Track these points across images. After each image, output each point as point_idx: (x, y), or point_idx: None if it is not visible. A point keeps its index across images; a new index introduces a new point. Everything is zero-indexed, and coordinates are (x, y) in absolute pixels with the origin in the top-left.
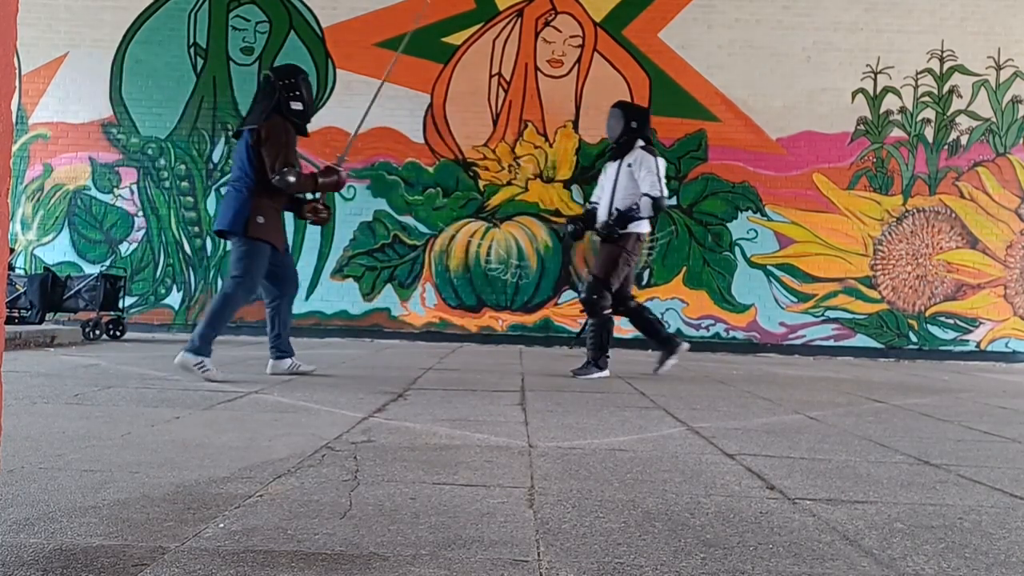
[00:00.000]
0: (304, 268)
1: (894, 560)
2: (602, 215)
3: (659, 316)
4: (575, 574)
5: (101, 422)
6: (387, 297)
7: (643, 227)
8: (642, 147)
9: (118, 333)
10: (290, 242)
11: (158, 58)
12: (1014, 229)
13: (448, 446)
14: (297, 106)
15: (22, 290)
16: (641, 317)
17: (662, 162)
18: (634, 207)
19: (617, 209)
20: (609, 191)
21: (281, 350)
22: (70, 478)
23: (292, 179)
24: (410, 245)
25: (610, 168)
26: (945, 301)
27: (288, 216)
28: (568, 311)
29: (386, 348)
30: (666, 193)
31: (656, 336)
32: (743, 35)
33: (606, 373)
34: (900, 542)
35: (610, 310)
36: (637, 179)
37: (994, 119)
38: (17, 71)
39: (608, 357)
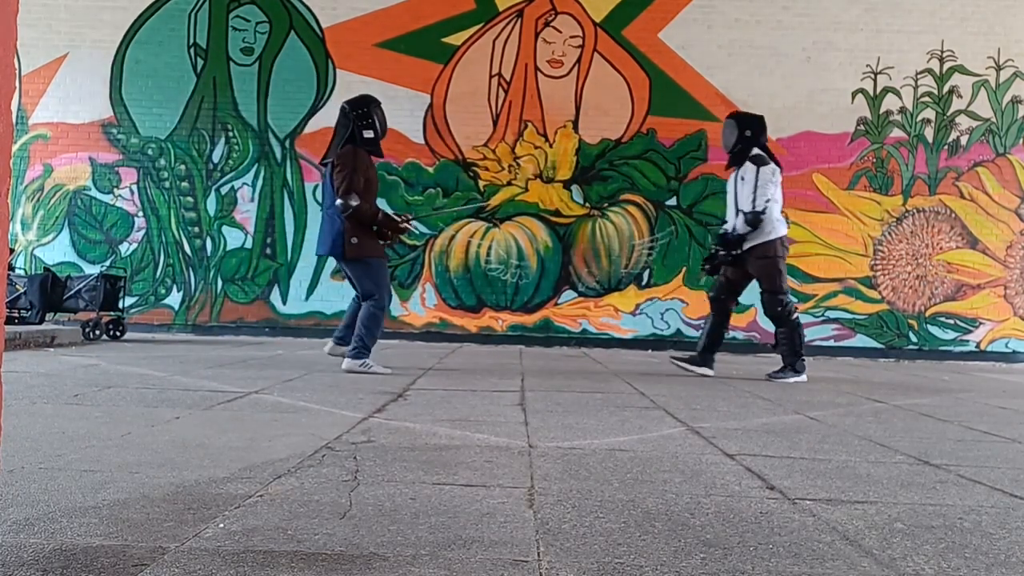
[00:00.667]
0: (304, 268)
1: (894, 560)
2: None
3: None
4: (575, 574)
5: (101, 422)
6: None
7: (778, 230)
8: (752, 157)
9: (118, 333)
10: (289, 242)
11: (158, 58)
12: (1014, 229)
13: (448, 446)
14: (369, 134)
15: (22, 290)
16: (720, 322)
17: (767, 170)
18: (731, 229)
19: (722, 235)
20: (732, 207)
21: (342, 339)
22: (70, 478)
23: (353, 203)
24: (410, 245)
25: (731, 180)
26: (945, 301)
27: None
28: (568, 311)
29: (386, 348)
30: (759, 206)
31: (711, 345)
32: (743, 35)
33: (803, 378)
34: (900, 542)
35: (797, 314)
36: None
37: (994, 119)
38: (17, 71)
39: (803, 359)
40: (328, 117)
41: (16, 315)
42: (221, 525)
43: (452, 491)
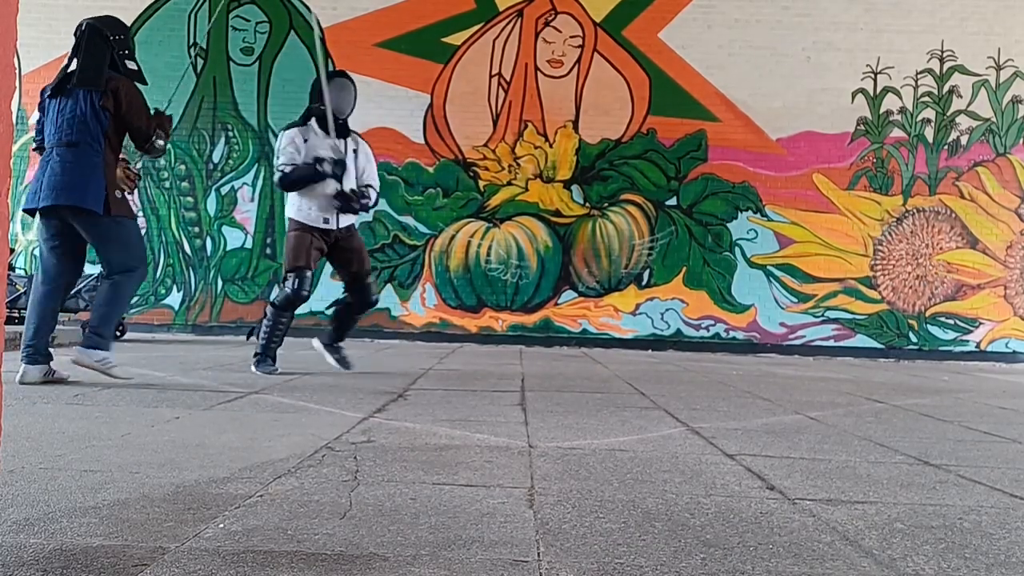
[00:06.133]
0: None
1: (894, 560)
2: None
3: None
4: (575, 574)
5: (101, 422)
6: (387, 297)
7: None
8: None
9: (118, 333)
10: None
11: (158, 58)
12: (1014, 229)
13: (448, 446)
14: (133, 66)
15: (22, 290)
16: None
17: None
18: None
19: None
20: (354, 172)
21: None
22: (70, 478)
23: (161, 143)
24: (410, 245)
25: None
26: (945, 301)
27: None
28: (568, 311)
29: (386, 348)
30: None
31: (339, 330)
32: (743, 35)
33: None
34: (900, 542)
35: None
36: (359, 166)
37: (994, 119)
38: (17, 71)
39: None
40: None
41: (16, 315)
42: (221, 525)
43: (452, 491)
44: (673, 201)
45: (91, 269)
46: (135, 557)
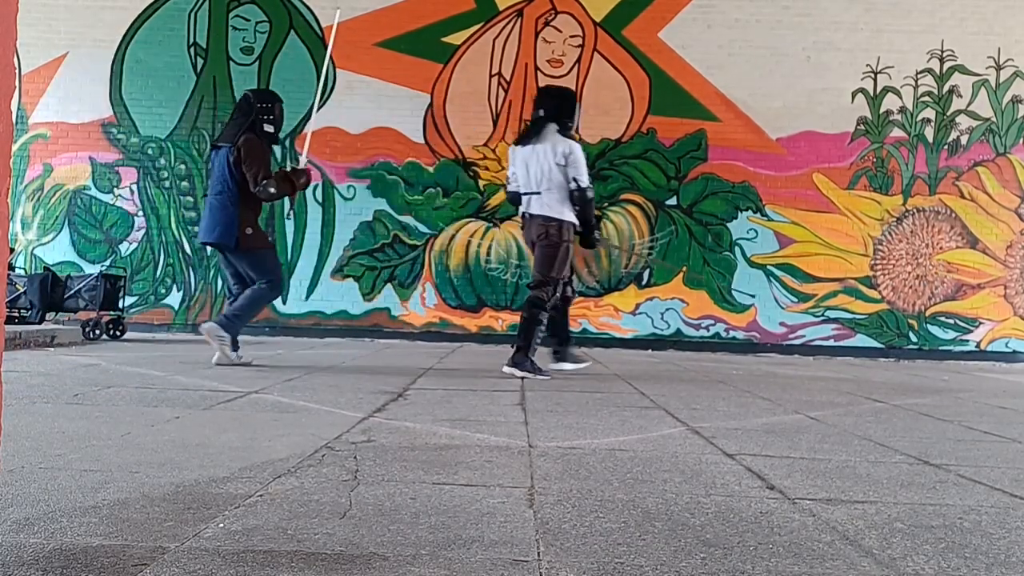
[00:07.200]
0: (304, 268)
1: (894, 560)
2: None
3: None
4: (575, 574)
5: (101, 422)
6: (387, 297)
7: None
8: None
9: (118, 333)
10: (289, 241)
11: (158, 58)
12: (1014, 229)
13: (448, 446)
14: (269, 128)
15: (22, 290)
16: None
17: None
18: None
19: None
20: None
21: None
22: (70, 478)
23: (273, 190)
24: (410, 245)
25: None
26: (945, 301)
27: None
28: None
29: (386, 348)
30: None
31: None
32: (743, 35)
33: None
34: (900, 542)
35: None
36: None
37: (994, 119)
38: (17, 71)
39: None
40: (329, 117)
41: (16, 315)
42: (221, 525)
43: (452, 491)
44: (673, 201)
45: (91, 269)
46: (135, 557)
